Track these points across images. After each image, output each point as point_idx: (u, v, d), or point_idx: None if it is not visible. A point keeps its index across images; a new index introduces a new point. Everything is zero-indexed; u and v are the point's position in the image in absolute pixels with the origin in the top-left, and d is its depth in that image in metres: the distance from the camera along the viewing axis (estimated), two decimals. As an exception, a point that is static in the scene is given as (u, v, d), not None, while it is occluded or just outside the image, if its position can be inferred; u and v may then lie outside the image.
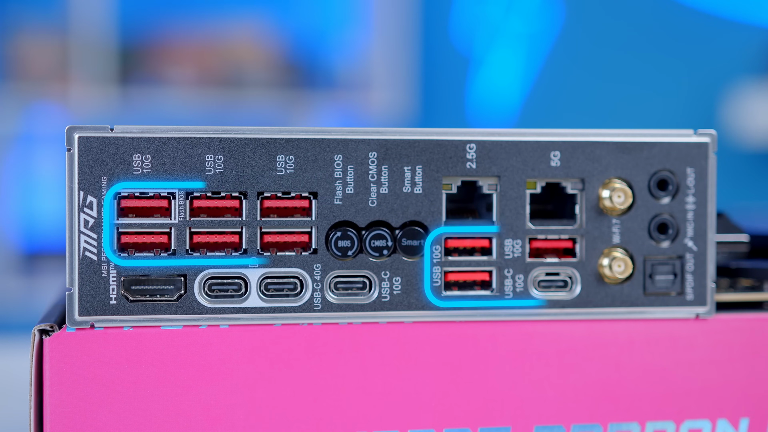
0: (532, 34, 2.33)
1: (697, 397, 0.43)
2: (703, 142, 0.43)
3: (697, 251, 0.43)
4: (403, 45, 2.29)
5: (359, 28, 2.30)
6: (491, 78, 2.33)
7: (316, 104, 2.26)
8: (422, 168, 0.41)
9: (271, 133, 0.41)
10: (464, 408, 0.42)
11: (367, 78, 2.28)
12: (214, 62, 2.25)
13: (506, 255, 0.42)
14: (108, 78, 2.18)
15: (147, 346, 0.40)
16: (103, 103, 2.16)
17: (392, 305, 0.41)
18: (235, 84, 2.24)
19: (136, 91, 2.19)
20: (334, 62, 2.30)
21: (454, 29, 2.34)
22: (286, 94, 2.25)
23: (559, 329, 0.42)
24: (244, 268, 0.41)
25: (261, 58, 2.26)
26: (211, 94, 2.22)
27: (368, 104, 2.27)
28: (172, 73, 2.22)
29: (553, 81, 2.33)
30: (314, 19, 2.31)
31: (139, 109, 2.16)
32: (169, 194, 0.40)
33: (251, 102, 2.22)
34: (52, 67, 2.16)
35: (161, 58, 2.22)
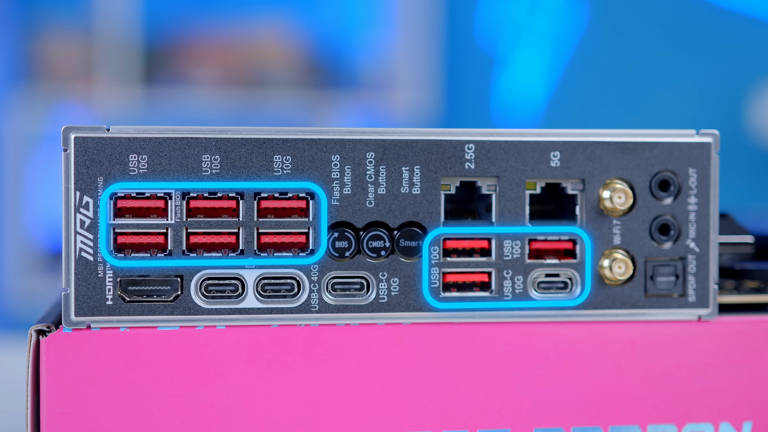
0: (557, 34, 2.32)
1: (699, 399, 0.42)
2: (706, 142, 0.42)
3: (699, 252, 0.42)
4: (427, 44, 2.28)
5: (383, 27, 2.30)
6: (516, 77, 2.32)
7: (340, 104, 2.26)
8: (420, 168, 0.41)
9: (267, 133, 0.40)
10: (463, 410, 0.41)
11: (392, 78, 2.28)
12: (239, 62, 2.25)
13: (505, 256, 0.42)
14: (133, 78, 2.18)
15: (143, 347, 0.40)
16: (128, 103, 2.17)
17: (390, 306, 0.41)
18: (259, 84, 2.24)
19: (160, 91, 2.20)
20: (358, 62, 2.30)
21: (478, 28, 2.33)
22: (310, 94, 2.26)
23: (558, 331, 0.42)
24: (241, 269, 0.41)
25: (285, 58, 2.27)
26: (235, 94, 2.23)
27: (392, 104, 2.26)
28: (196, 73, 2.22)
29: (578, 80, 2.32)
30: (338, 18, 2.31)
31: (163, 109, 2.17)
32: (165, 194, 0.40)
33: (275, 102, 2.23)
34: (77, 67, 2.17)
35: (186, 58, 2.23)
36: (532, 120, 2.30)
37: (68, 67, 2.17)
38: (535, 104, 2.32)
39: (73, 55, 2.17)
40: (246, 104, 2.21)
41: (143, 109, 2.17)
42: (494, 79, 2.34)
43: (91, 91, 2.17)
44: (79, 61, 2.17)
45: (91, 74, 2.17)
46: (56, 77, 2.17)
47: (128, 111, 2.15)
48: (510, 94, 2.33)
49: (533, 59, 2.32)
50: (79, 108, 2.15)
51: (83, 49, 2.17)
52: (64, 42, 2.18)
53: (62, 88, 2.16)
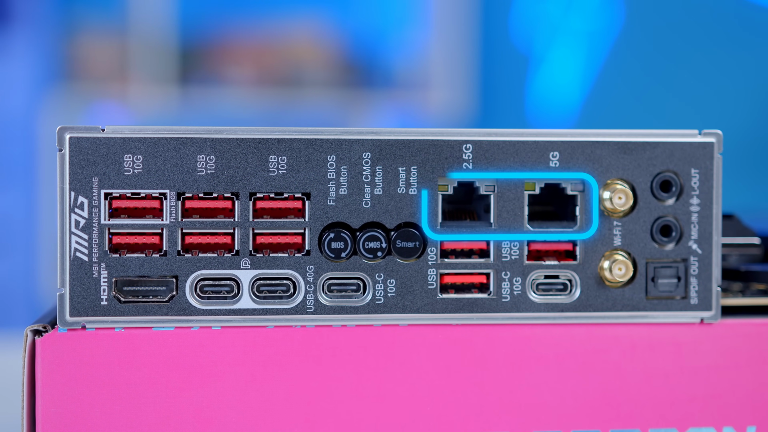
0: (593, 32, 2.30)
1: (701, 403, 0.42)
2: (708, 142, 0.42)
3: (701, 254, 0.42)
4: (462, 44, 2.28)
5: (418, 27, 2.30)
6: (551, 77, 2.31)
7: (375, 104, 2.26)
8: (417, 169, 0.41)
9: (263, 133, 0.40)
10: (460, 413, 0.41)
11: (426, 77, 2.28)
12: (274, 62, 2.25)
13: (503, 257, 0.41)
14: (168, 78, 2.19)
15: (138, 348, 0.40)
16: (163, 103, 2.18)
17: (386, 308, 0.41)
18: (294, 83, 2.24)
19: (195, 91, 2.21)
20: (393, 61, 2.29)
21: (514, 27, 2.32)
22: (345, 93, 2.26)
23: (558, 333, 0.41)
24: (236, 270, 0.40)
25: (320, 58, 2.27)
26: (270, 93, 2.23)
27: (427, 104, 2.26)
28: (231, 73, 2.23)
29: (614, 80, 2.30)
30: (373, 18, 2.31)
31: (198, 108, 2.18)
32: (160, 195, 0.40)
33: (310, 102, 2.23)
34: (113, 67, 2.18)
35: (221, 58, 2.24)
36: (568, 119, 2.28)
37: (104, 67, 2.19)
38: (570, 104, 2.31)
39: (108, 55, 2.19)
40: (281, 104, 2.22)
41: (178, 108, 2.17)
42: (529, 78, 2.32)
43: (127, 91, 2.18)
44: (114, 61, 2.18)
45: (126, 74, 2.18)
46: (92, 77, 2.18)
47: (163, 111, 2.16)
48: (545, 94, 2.31)
49: (569, 58, 2.31)
50: (114, 108, 2.17)
51: (119, 49, 2.18)
52: (100, 42, 2.19)
53: (98, 88, 2.18)
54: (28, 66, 2.17)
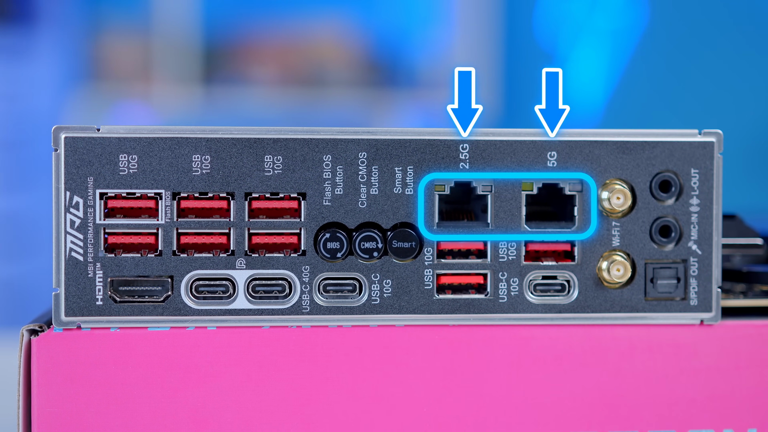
0: (617, 31, 2.29)
1: (701, 406, 0.41)
2: (708, 141, 0.41)
3: (701, 255, 0.41)
4: (486, 43, 2.27)
5: (442, 26, 2.29)
6: (576, 76, 2.30)
7: (399, 103, 2.26)
8: (413, 168, 0.41)
9: (258, 133, 0.40)
10: (456, 415, 0.41)
11: (450, 77, 2.27)
12: (297, 61, 2.26)
13: (501, 258, 0.41)
14: (191, 77, 2.20)
15: (133, 348, 0.40)
16: (187, 103, 2.18)
17: (383, 308, 0.41)
18: (317, 83, 2.25)
19: (219, 91, 2.21)
20: (417, 61, 2.29)
21: (537, 26, 2.31)
22: (369, 93, 2.25)
23: (556, 334, 0.41)
24: (232, 270, 0.40)
25: (343, 57, 2.27)
26: (293, 93, 2.23)
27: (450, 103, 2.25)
28: (255, 73, 2.23)
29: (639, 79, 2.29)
30: (397, 17, 2.31)
31: (222, 108, 2.18)
32: (155, 195, 0.40)
33: (333, 101, 2.23)
34: (137, 67, 2.19)
35: (244, 58, 2.24)
36: (592, 119, 2.27)
37: (128, 66, 2.19)
38: (595, 103, 2.30)
39: (132, 54, 2.19)
40: (304, 103, 2.22)
41: (202, 108, 2.18)
42: (554, 77, 2.31)
43: (150, 91, 2.19)
44: (138, 61, 2.19)
45: (150, 74, 2.19)
46: (116, 77, 2.19)
47: (187, 110, 2.16)
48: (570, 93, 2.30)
49: (593, 58, 2.30)
50: (138, 107, 2.17)
51: (143, 49, 2.19)
52: (124, 42, 2.20)
53: (122, 88, 2.18)
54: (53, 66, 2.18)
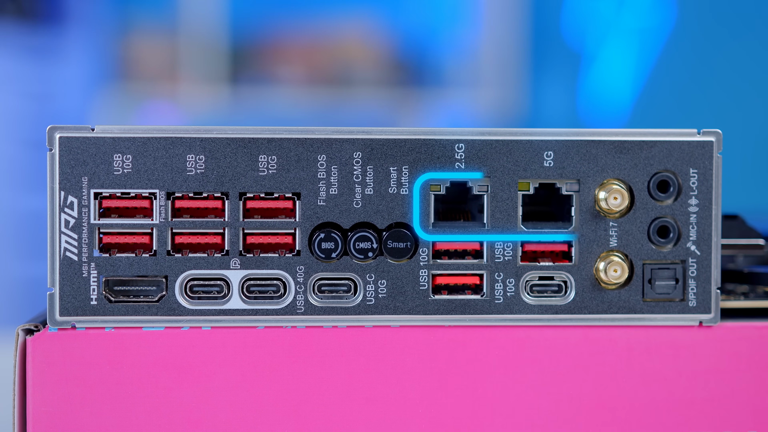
0: (645, 29, 2.28)
1: (700, 408, 0.41)
2: (707, 141, 0.41)
3: (700, 256, 0.41)
4: (513, 41, 2.27)
5: (468, 25, 2.29)
6: (604, 75, 2.29)
7: (425, 102, 2.26)
8: (408, 168, 0.40)
9: (252, 132, 0.40)
10: (452, 416, 0.41)
11: (477, 76, 2.27)
12: (324, 61, 2.26)
13: (497, 258, 0.41)
14: (218, 77, 2.21)
15: (128, 348, 0.40)
16: (214, 102, 2.19)
17: (377, 309, 0.40)
18: (344, 82, 2.25)
19: (245, 90, 2.22)
20: (443, 60, 2.29)
21: (565, 25, 2.30)
22: (395, 92, 2.25)
23: (552, 335, 0.41)
24: (226, 270, 0.40)
25: (370, 57, 2.27)
26: (320, 92, 2.23)
27: (477, 102, 2.25)
28: (281, 72, 2.23)
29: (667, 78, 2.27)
30: (423, 16, 2.31)
31: (248, 107, 2.19)
32: (150, 194, 0.40)
33: (360, 100, 2.23)
34: (164, 67, 2.19)
35: (271, 57, 2.24)
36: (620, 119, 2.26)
37: (155, 66, 2.20)
38: (622, 102, 2.29)
39: (160, 54, 2.20)
40: (331, 103, 2.22)
41: (229, 108, 2.18)
42: (581, 76, 2.31)
43: (177, 91, 2.20)
44: (166, 61, 2.20)
45: (177, 74, 2.20)
46: (144, 77, 2.20)
47: (214, 110, 2.17)
48: (597, 92, 2.29)
49: (621, 56, 2.29)
50: (165, 107, 2.18)
51: (170, 49, 2.20)
52: (151, 42, 2.21)
53: (149, 88, 2.19)
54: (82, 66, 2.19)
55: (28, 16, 2.16)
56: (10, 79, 2.09)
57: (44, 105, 2.16)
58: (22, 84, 2.11)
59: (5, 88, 2.09)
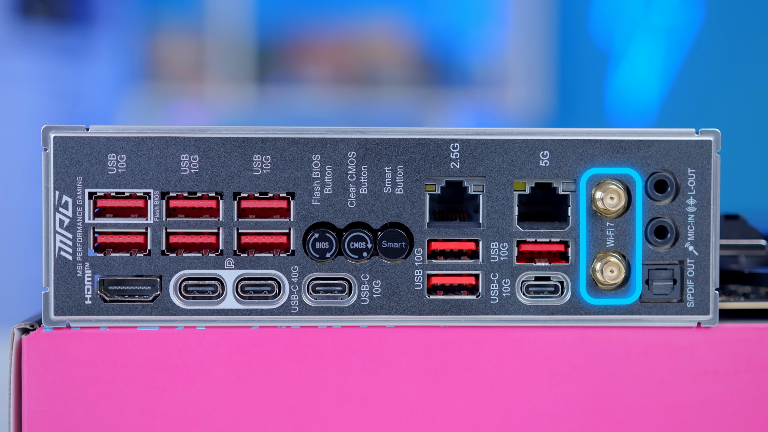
0: (673, 28, 2.26)
1: (698, 410, 0.41)
2: (705, 140, 0.40)
3: (698, 256, 0.40)
4: (540, 40, 2.26)
5: (495, 24, 2.28)
6: (631, 74, 2.28)
7: (452, 102, 2.25)
8: (403, 168, 0.40)
9: (246, 132, 0.40)
10: (447, 417, 0.40)
11: (504, 75, 2.26)
12: (351, 60, 2.26)
13: (492, 258, 0.40)
14: (245, 77, 2.21)
15: (123, 347, 0.40)
16: (240, 102, 2.19)
17: (372, 309, 0.40)
18: (370, 82, 2.25)
19: (272, 90, 2.22)
20: (470, 59, 2.28)
21: (593, 23, 2.29)
22: (422, 91, 2.25)
23: (548, 336, 0.40)
24: (220, 270, 0.40)
25: (397, 56, 2.26)
26: (347, 92, 2.23)
27: (504, 102, 2.25)
28: (308, 72, 2.24)
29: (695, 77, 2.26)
30: (450, 16, 2.30)
31: (275, 107, 2.19)
32: (144, 194, 0.40)
33: (386, 100, 2.23)
34: (191, 67, 2.20)
35: (298, 57, 2.25)
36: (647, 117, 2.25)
37: (182, 66, 2.21)
38: (650, 101, 2.27)
39: (187, 54, 2.21)
40: (358, 102, 2.22)
41: (255, 107, 2.19)
42: (609, 75, 2.29)
43: (204, 90, 2.20)
44: (192, 61, 2.21)
45: (204, 74, 2.20)
46: (171, 77, 2.21)
47: (241, 110, 2.17)
48: (625, 91, 2.28)
49: (649, 55, 2.27)
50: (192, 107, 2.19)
51: (197, 49, 2.21)
52: (178, 42, 2.22)
53: (176, 88, 2.20)
54: (110, 66, 2.20)
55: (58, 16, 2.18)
56: (40, 79, 2.11)
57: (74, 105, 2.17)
58: (53, 84, 2.13)
59: (36, 87, 2.11)
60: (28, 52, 2.09)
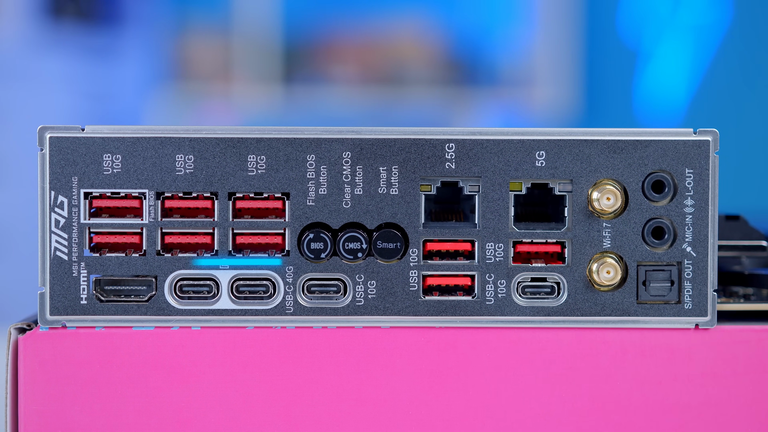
0: (702, 27, 2.25)
1: (696, 412, 0.40)
2: (704, 140, 0.40)
3: (696, 257, 0.40)
4: (568, 39, 2.25)
5: (523, 23, 2.27)
6: (660, 73, 2.27)
7: (479, 102, 2.25)
8: (398, 168, 0.40)
9: (241, 132, 0.40)
10: (443, 418, 0.40)
11: (531, 74, 2.25)
12: (378, 60, 2.26)
13: (488, 259, 0.40)
14: (272, 77, 2.22)
15: (118, 347, 0.40)
16: (268, 102, 2.20)
17: (367, 309, 0.40)
18: (397, 82, 2.25)
19: (299, 90, 2.23)
20: (497, 59, 2.28)
21: (621, 22, 2.28)
22: (449, 91, 2.25)
23: (544, 338, 0.40)
24: (215, 270, 0.40)
25: (423, 56, 2.26)
26: (373, 92, 2.23)
27: (532, 101, 2.24)
28: (335, 72, 2.24)
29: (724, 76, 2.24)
30: (477, 15, 2.30)
31: (302, 107, 2.19)
32: (140, 194, 0.40)
33: (413, 100, 2.23)
34: (218, 67, 2.21)
35: (324, 57, 2.25)
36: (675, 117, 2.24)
37: (209, 66, 2.22)
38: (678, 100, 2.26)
39: (214, 54, 2.22)
40: (385, 102, 2.22)
41: (282, 107, 2.19)
42: (637, 74, 2.28)
43: (231, 91, 2.21)
44: (219, 61, 2.21)
45: (231, 74, 2.21)
46: (198, 77, 2.22)
47: (267, 109, 2.18)
48: (654, 91, 2.27)
49: (677, 54, 2.26)
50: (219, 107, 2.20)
51: (224, 49, 2.21)
52: (205, 42, 2.23)
53: (204, 88, 2.21)
54: (138, 66, 2.21)
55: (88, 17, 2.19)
56: (70, 79, 2.12)
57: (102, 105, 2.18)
58: (82, 84, 2.14)
59: (66, 87, 2.12)
60: (59, 52, 2.11)
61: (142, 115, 2.18)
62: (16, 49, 2.05)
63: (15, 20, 2.04)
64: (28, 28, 2.06)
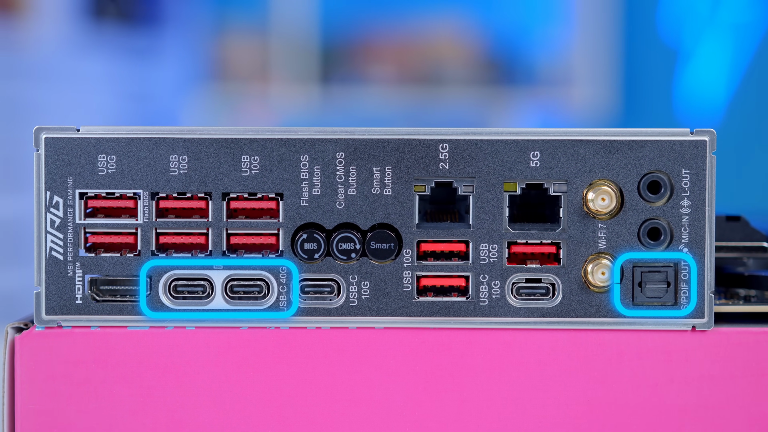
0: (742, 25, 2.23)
1: (692, 415, 0.40)
2: (700, 140, 0.40)
3: (693, 258, 0.40)
4: (606, 38, 2.24)
5: (561, 22, 2.26)
6: (700, 72, 2.25)
7: (516, 101, 2.24)
8: (392, 169, 0.40)
9: (235, 133, 0.40)
10: (436, 419, 0.40)
11: (569, 74, 2.24)
12: (415, 60, 2.26)
13: (482, 260, 0.40)
14: (309, 77, 2.22)
15: (113, 347, 0.40)
16: (305, 102, 2.20)
17: (361, 310, 0.40)
18: (435, 81, 2.24)
19: (336, 90, 2.23)
20: (535, 58, 2.27)
21: (661, 20, 2.26)
22: (486, 91, 2.24)
23: (539, 339, 0.40)
24: (209, 270, 0.40)
25: (461, 56, 2.26)
26: (411, 91, 2.23)
27: (570, 101, 2.23)
28: (372, 72, 2.24)
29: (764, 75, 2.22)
30: (515, 15, 2.29)
31: (339, 107, 2.20)
32: (134, 195, 0.40)
33: (451, 100, 2.22)
34: (255, 67, 2.22)
35: (362, 57, 2.25)
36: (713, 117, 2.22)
37: (247, 67, 2.23)
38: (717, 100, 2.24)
39: (251, 55, 2.23)
40: (422, 102, 2.22)
41: (320, 107, 2.20)
42: (677, 73, 2.26)
43: (269, 91, 2.22)
44: (257, 61, 2.22)
45: (268, 74, 2.22)
46: (236, 77, 2.23)
47: (305, 110, 2.18)
48: (694, 90, 2.25)
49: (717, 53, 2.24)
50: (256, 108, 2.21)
51: (261, 50, 2.22)
52: (243, 43, 2.24)
53: (241, 88, 2.22)
54: (178, 67, 2.23)
55: (128, 18, 2.21)
56: (111, 80, 2.14)
57: (142, 105, 2.20)
58: (122, 84, 2.16)
59: (107, 88, 2.14)
60: (100, 53, 2.12)
61: (180, 116, 2.20)
62: (57, 50, 2.07)
63: (57, 22, 2.06)
64: (70, 29, 2.08)
